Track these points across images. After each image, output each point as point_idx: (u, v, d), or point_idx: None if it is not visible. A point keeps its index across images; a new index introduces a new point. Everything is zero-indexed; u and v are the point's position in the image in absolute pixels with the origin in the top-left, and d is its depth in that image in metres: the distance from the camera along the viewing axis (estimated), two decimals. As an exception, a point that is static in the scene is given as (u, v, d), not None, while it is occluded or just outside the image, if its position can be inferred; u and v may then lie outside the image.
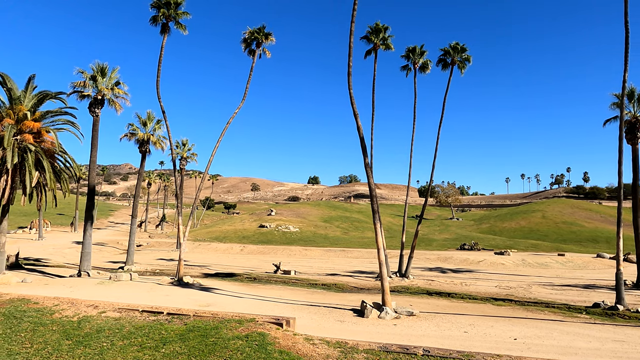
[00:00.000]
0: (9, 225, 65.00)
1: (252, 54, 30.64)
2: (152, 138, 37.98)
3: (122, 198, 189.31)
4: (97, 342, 9.64)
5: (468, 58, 32.71)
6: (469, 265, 40.93)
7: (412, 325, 14.39)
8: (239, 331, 8.69)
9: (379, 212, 19.13)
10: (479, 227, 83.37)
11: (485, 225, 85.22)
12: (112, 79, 32.15)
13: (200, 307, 13.70)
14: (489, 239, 65.35)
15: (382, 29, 32.74)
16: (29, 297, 13.63)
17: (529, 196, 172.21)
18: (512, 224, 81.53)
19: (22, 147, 24.20)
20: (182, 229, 29.43)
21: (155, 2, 29.78)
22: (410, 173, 34.11)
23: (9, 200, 24.22)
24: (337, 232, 76.82)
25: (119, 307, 11.82)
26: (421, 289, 25.12)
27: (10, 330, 10.50)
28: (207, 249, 57.60)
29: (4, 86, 25.03)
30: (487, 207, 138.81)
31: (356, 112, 19.14)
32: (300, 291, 23.66)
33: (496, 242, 61.49)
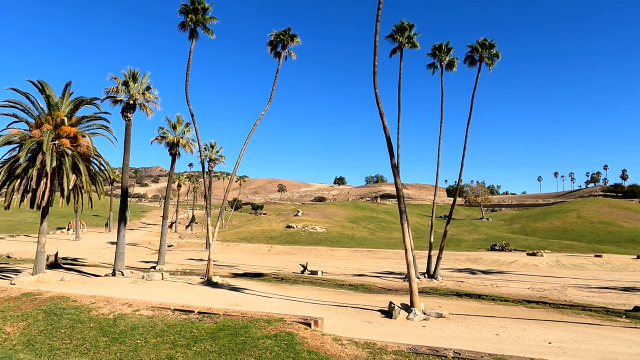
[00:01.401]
0: (49, 226, 67.82)
1: (278, 56, 30.91)
2: (181, 141, 38.89)
3: (153, 200, 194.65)
4: (132, 339, 9.96)
5: (497, 54, 31.93)
6: (500, 267, 39.92)
7: (441, 327, 14.17)
8: (268, 330, 8.79)
9: (406, 212, 18.93)
10: (510, 228, 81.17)
11: (516, 225, 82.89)
12: (143, 84, 33.14)
13: (229, 307, 13.94)
14: (520, 239, 63.53)
15: (407, 27, 32.37)
16: (67, 295, 14.22)
17: (563, 195, 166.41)
18: (545, 224, 78.96)
19: (59, 151, 25.24)
20: (211, 230, 29.98)
21: (183, 7, 30.47)
22: (437, 172, 33.60)
23: (48, 202, 25.28)
24: (363, 233, 76.47)
25: (152, 306, 12.17)
26: (450, 291, 24.69)
27: (51, 327, 10.99)
28: (235, 249, 58.47)
29: (43, 93, 26.17)
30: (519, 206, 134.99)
31: (382, 112, 19.02)
32: (328, 291, 23.69)
33: (528, 242, 59.69)
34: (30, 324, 11.30)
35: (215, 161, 59.76)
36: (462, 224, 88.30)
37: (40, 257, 25.53)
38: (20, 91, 25.53)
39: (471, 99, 31.99)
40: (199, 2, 30.34)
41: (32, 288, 17.42)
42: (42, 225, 26.35)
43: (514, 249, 54.13)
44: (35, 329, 11.02)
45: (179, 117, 39.35)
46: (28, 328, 11.08)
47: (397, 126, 32.58)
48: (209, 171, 58.98)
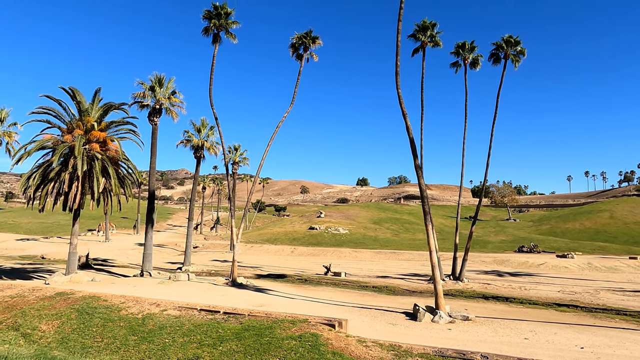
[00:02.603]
0: (80, 228, 70.28)
1: (300, 58, 31.09)
2: (206, 144, 39.59)
3: (179, 202, 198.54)
4: (160, 338, 10.19)
5: (522, 51, 31.18)
6: (528, 269, 38.89)
7: (467, 330, 13.92)
8: (292, 331, 8.84)
9: (430, 213, 18.70)
10: (539, 229, 78.96)
11: (545, 226, 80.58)
12: (169, 88, 33.92)
13: (254, 307, 14.08)
14: (549, 240, 61.70)
15: (429, 26, 31.98)
16: (98, 295, 14.68)
17: (594, 195, 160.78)
18: (575, 225, 76.46)
19: (90, 155, 26.09)
20: (235, 232, 30.36)
21: (206, 13, 31.03)
22: (462, 173, 33.04)
23: (79, 205, 26.16)
24: (387, 234, 75.88)
25: (178, 306, 12.43)
26: (476, 293, 24.22)
27: (84, 325, 11.37)
28: (259, 251, 58.99)
29: (74, 99, 27.12)
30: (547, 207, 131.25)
31: (405, 112, 18.86)
32: (351, 293, 23.62)
33: (558, 244, 57.92)
34: (64, 322, 11.72)
35: (238, 164, 60.48)
36: (488, 225, 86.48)
37: (72, 258, 26.42)
38: (53, 98, 26.56)
39: (496, 97, 31.34)
40: (222, 7, 30.85)
41: (65, 288, 18.04)
42: (74, 227, 27.26)
43: (542, 250, 52.63)
44: (68, 327, 11.41)
45: (204, 121, 40.09)
46: (62, 326, 11.49)
47: (420, 126, 32.21)
48: (232, 174, 59.79)
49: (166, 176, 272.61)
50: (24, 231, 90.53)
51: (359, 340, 8.29)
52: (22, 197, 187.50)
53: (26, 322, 11.69)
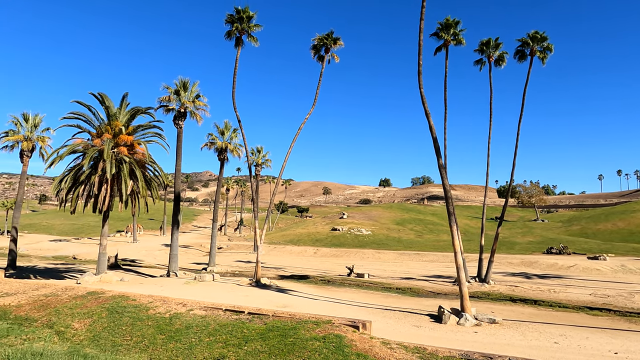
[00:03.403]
0: (109, 229, 72.65)
1: (321, 59, 31.15)
2: (229, 146, 40.17)
3: (203, 203, 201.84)
4: (187, 337, 10.40)
5: (549, 47, 30.36)
6: (557, 271, 37.76)
7: (494, 333, 13.63)
8: (316, 332, 8.86)
9: (455, 214, 18.41)
10: (568, 229, 76.56)
11: (575, 227, 78.06)
12: (193, 92, 34.59)
13: (277, 308, 14.19)
14: (580, 242, 59.75)
15: (452, 24, 31.51)
16: (127, 295, 15.08)
17: (628, 194, 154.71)
18: (607, 226, 73.74)
19: (118, 158, 26.85)
20: (259, 233, 30.64)
21: (229, 17, 31.45)
22: (487, 172, 32.39)
23: (108, 207, 26.96)
24: (410, 235, 75.09)
25: (204, 306, 12.65)
26: (503, 295, 23.68)
27: (114, 324, 11.72)
28: (282, 252, 59.34)
29: (103, 104, 27.97)
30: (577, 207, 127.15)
31: (428, 112, 18.66)
32: (374, 294, 23.49)
33: (589, 245, 56.01)
34: (95, 320, 12.11)
35: (261, 165, 61.05)
36: (514, 225, 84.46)
37: (102, 259, 27.23)
38: (83, 103, 27.46)
39: (523, 95, 30.60)
40: (244, 11, 31.20)
41: (96, 287, 18.62)
42: (104, 228, 28.10)
43: (572, 252, 50.99)
44: (99, 326, 11.78)
45: (227, 124, 40.67)
46: (93, 324, 11.87)
47: (444, 126, 31.75)
48: (255, 175, 60.39)
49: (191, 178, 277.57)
50: (57, 232, 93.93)
51: (383, 342, 8.23)
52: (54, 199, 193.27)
53: (60, 320, 12.14)
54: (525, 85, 30.63)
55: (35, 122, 38.74)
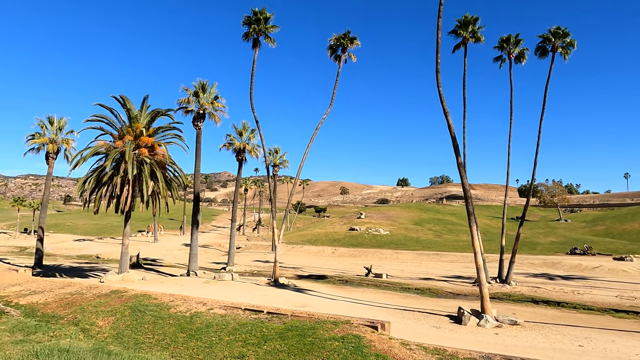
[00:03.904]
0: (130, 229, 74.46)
1: (338, 59, 31.15)
2: (247, 147, 40.55)
3: (222, 204, 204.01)
4: (207, 336, 10.54)
5: (572, 43, 29.65)
6: (581, 272, 36.83)
7: (516, 335, 13.39)
8: (335, 332, 8.86)
9: (475, 213, 18.16)
10: (593, 229, 74.52)
11: (600, 227, 75.93)
12: (212, 94, 35.02)
13: (295, 308, 14.26)
14: (605, 242, 58.12)
15: (471, 21, 31.07)
16: (149, 293, 15.37)
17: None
18: (634, 226, 71.46)
19: (139, 160, 27.38)
20: (277, 233, 30.81)
21: (246, 19, 31.71)
22: (508, 171, 31.79)
23: (130, 207, 27.52)
24: (429, 235, 74.32)
25: (224, 305, 12.80)
26: (525, 297, 23.23)
27: (136, 322, 11.96)
28: (300, 252, 59.52)
29: (124, 107, 28.57)
30: (602, 206, 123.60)
31: (446, 110, 18.47)
32: (393, 295, 23.35)
33: (615, 246, 54.42)
34: (118, 318, 12.39)
35: (279, 166, 61.38)
36: (536, 225, 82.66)
37: (124, 258, 27.81)
38: (105, 106, 28.08)
39: (544, 92, 29.98)
40: (261, 13, 31.42)
41: (119, 286, 19.04)
42: (126, 228, 28.69)
43: (597, 253, 49.64)
44: (122, 324, 12.05)
45: (245, 124, 41.04)
46: (117, 322, 12.16)
47: (463, 124, 31.36)
48: (273, 175, 60.76)
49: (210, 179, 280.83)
50: (81, 232, 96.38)
51: (403, 343, 8.17)
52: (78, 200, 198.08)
53: (85, 317, 12.47)
54: (546, 82, 30.01)
55: (60, 125, 39.79)
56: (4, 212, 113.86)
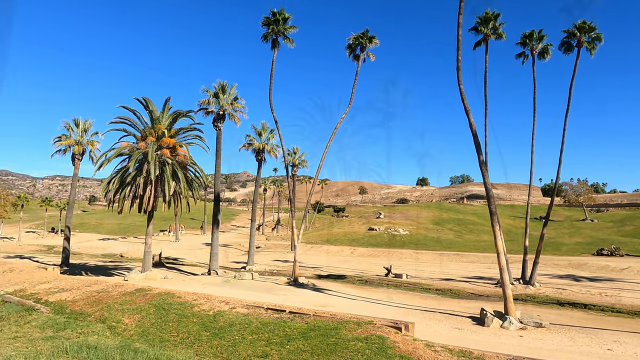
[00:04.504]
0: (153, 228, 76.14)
1: (357, 58, 31.04)
2: (266, 147, 40.82)
3: (241, 203, 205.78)
4: (230, 335, 10.67)
5: (599, 37, 28.79)
6: (609, 273, 35.78)
7: (541, 337, 13.10)
8: (358, 333, 8.84)
9: (497, 213, 17.85)
10: (621, 230, 72.24)
11: (628, 227, 73.54)
12: (231, 94, 35.39)
13: (316, 307, 14.28)
14: (634, 243, 56.27)
15: (492, 18, 30.51)
16: (173, 292, 15.65)
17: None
18: (665, 226, 69.06)
19: (161, 160, 27.88)
20: (296, 232, 30.93)
21: (265, 20, 31.88)
22: (532, 170, 31.05)
23: (153, 207, 28.06)
24: (449, 235, 73.36)
25: (246, 304, 12.93)
26: (550, 298, 22.71)
27: (161, 320, 12.21)
28: (319, 251, 59.60)
29: (147, 109, 29.13)
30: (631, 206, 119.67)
31: (467, 108, 18.21)
32: (413, 295, 23.15)
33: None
34: (143, 316, 12.66)
35: (298, 166, 61.50)
36: (561, 225, 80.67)
37: (147, 257, 28.37)
38: (129, 108, 28.68)
39: (569, 88, 29.21)
40: (280, 13, 31.55)
41: (143, 284, 19.45)
42: (148, 228, 29.27)
43: (625, 254, 48.09)
44: (147, 322, 12.31)
45: (264, 125, 41.31)
46: (142, 320, 12.42)
47: (484, 122, 30.82)
48: (292, 175, 60.97)
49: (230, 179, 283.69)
50: (106, 231, 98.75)
51: (427, 344, 8.09)
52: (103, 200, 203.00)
53: (111, 315, 12.78)
54: (572, 79, 29.23)
55: (85, 127, 40.74)
56: (32, 211, 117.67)
